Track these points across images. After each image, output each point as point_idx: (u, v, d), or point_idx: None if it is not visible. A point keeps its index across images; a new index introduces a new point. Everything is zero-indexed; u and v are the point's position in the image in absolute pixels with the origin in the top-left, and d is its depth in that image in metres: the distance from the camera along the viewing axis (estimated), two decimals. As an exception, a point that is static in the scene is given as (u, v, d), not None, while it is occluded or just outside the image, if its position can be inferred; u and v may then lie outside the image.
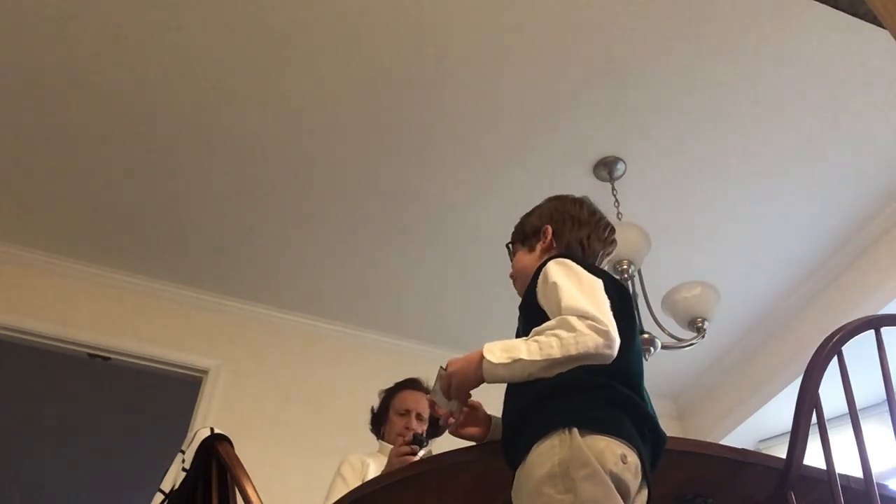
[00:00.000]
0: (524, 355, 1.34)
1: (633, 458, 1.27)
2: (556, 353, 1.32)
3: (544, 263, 1.52)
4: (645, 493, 1.33)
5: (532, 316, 1.45)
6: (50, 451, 5.16)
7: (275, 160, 3.28)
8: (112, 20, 2.77)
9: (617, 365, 1.36)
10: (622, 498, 1.23)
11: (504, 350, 1.37)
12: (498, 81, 2.98)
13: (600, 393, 1.32)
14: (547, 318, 1.39)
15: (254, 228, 3.58)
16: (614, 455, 1.25)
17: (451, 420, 1.49)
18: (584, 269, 1.49)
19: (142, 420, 4.77)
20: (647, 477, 1.33)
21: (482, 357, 1.38)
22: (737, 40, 2.84)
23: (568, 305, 1.37)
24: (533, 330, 1.39)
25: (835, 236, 3.57)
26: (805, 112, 3.08)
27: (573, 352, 1.31)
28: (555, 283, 1.42)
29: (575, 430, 1.26)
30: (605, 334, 1.32)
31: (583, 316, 1.33)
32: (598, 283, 1.46)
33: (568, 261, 1.52)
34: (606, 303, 1.41)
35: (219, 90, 3.01)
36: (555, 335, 1.33)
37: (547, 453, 1.25)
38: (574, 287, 1.42)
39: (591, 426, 1.27)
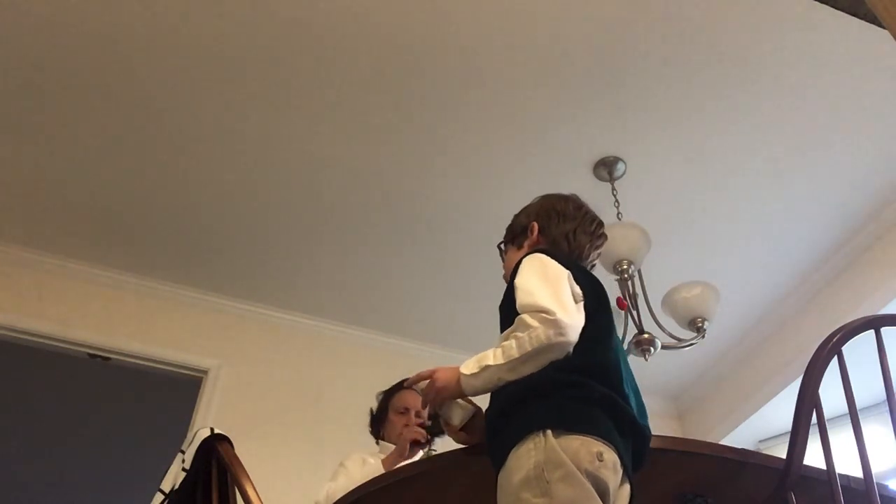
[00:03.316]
0: (491, 362, 1.38)
1: (610, 456, 1.28)
2: (516, 353, 1.35)
3: (520, 260, 1.54)
4: (627, 489, 1.34)
5: (509, 316, 1.45)
6: (50, 452, 5.16)
7: (275, 160, 3.28)
8: (115, 19, 2.77)
9: (593, 360, 1.38)
10: (601, 496, 1.24)
11: (476, 361, 1.41)
12: (498, 82, 2.98)
13: (574, 391, 1.33)
14: None
15: (254, 228, 3.58)
16: (590, 454, 1.25)
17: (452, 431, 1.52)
18: (558, 260, 1.51)
19: (142, 420, 4.77)
20: (629, 473, 1.33)
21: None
22: (736, 41, 2.84)
23: (522, 304, 1.40)
24: (500, 337, 1.42)
25: (834, 236, 3.57)
26: (805, 112, 3.08)
27: (529, 348, 1.33)
28: (516, 285, 1.46)
29: (549, 431, 1.27)
30: (553, 323, 1.33)
31: (536, 311, 1.36)
32: (563, 273, 1.47)
33: (538, 254, 1.54)
34: (566, 293, 1.42)
35: (221, 90, 3.01)
36: (514, 337, 1.37)
37: (523, 457, 1.27)
38: (535, 281, 1.44)
39: (565, 426, 1.28)
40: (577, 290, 1.47)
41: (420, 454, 2.29)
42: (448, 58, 2.90)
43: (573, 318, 1.37)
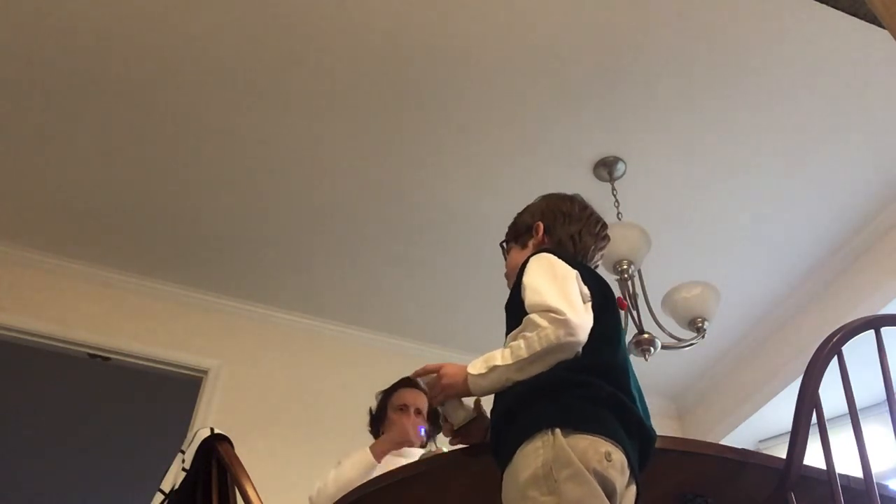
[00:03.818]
0: (499, 362, 1.37)
1: (618, 456, 1.27)
2: (525, 353, 1.34)
3: (527, 260, 1.53)
4: (633, 489, 1.33)
5: (516, 315, 1.45)
6: (50, 451, 5.16)
7: (275, 160, 3.28)
8: (115, 19, 2.77)
9: (601, 360, 1.37)
10: (608, 496, 1.23)
11: (484, 361, 1.40)
12: (498, 82, 2.98)
13: (582, 391, 1.33)
14: None
15: (254, 229, 3.58)
16: (598, 453, 1.25)
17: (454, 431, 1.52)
18: (564, 261, 1.50)
19: (142, 420, 4.77)
20: (635, 474, 1.33)
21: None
22: (737, 41, 2.84)
23: (531, 303, 1.39)
24: (508, 337, 1.41)
25: (834, 236, 3.57)
26: (805, 113, 3.08)
27: (538, 348, 1.33)
28: (524, 284, 1.45)
29: (558, 430, 1.26)
30: (563, 323, 1.33)
31: (545, 310, 1.35)
32: (571, 273, 1.47)
33: (546, 254, 1.53)
34: (575, 292, 1.42)
35: (221, 90, 3.01)
36: (522, 336, 1.36)
37: (531, 455, 1.26)
38: (544, 280, 1.43)
39: (574, 425, 1.27)
40: (585, 290, 1.46)
41: (421, 453, 2.29)
42: (448, 59, 2.90)
43: (582, 318, 1.36)
